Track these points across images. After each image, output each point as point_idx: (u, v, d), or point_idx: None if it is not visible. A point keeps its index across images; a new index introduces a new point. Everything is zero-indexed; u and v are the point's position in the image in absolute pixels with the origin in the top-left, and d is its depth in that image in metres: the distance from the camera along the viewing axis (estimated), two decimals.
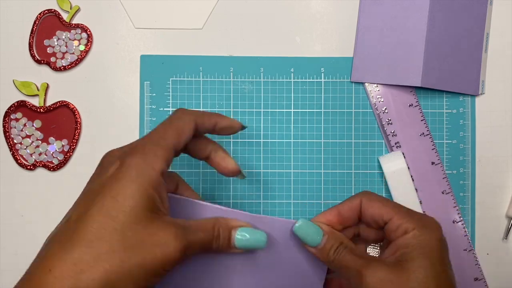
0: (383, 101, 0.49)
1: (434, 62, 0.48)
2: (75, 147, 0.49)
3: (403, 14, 0.48)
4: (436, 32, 0.48)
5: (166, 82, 0.49)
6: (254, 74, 0.49)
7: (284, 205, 0.49)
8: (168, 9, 0.50)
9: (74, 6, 0.50)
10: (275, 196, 0.49)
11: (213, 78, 0.49)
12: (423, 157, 0.49)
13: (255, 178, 0.49)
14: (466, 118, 0.50)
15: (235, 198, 0.49)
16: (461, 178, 0.49)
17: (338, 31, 0.50)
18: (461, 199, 0.49)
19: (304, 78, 0.49)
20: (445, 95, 0.50)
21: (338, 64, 0.50)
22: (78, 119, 0.49)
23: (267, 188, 0.49)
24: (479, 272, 0.48)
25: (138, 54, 0.50)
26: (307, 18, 0.50)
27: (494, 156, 0.49)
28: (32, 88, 0.49)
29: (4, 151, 0.49)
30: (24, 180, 0.49)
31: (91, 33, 0.50)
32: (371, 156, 0.50)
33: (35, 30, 0.49)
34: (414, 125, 0.49)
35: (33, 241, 0.49)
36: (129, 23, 0.50)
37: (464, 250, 0.48)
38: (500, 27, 0.50)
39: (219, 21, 0.50)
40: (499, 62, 0.50)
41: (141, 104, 0.50)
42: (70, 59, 0.49)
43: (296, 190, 0.49)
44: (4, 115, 0.49)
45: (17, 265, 0.49)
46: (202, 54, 0.50)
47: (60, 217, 0.49)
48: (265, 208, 0.49)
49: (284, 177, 0.49)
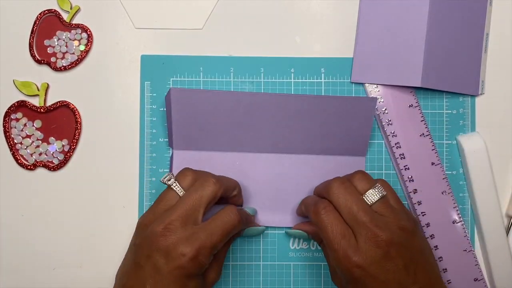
0: (383, 102, 0.49)
1: (434, 63, 0.48)
2: (75, 147, 0.49)
3: (403, 14, 0.48)
4: (436, 32, 0.48)
5: (166, 82, 0.49)
6: (254, 74, 0.49)
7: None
8: (168, 9, 0.50)
9: (74, 6, 0.50)
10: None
11: (213, 78, 0.49)
12: (423, 158, 0.49)
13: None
14: (466, 119, 0.50)
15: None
16: (461, 178, 0.49)
17: (338, 31, 0.50)
18: (461, 199, 0.49)
19: (304, 78, 0.49)
20: (445, 96, 0.50)
21: (338, 64, 0.50)
22: (78, 119, 0.49)
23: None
24: (479, 272, 0.48)
25: (138, 54, 0.50)
26: (307, 18, 0.50)
27: (494, 156, 0.49)
28: (32, 88, 0.49)
29: (4, 151, 0.49)
30: (24, 180, 0.49)
31: (91, 33, 0.50)
32: (371, 156, 0.50)
33: (35, 30, 0.49)
34: (414, 125, 0.49)
35: (33, 241, 0.49)
36: (129, 23, 0.50)
37: (464, 250, 0.48)
38: (500, 27, 0.50)
39: (219, 21, 0.50)
40: (499, 62, 0.50)
41: (141, 104, 0.50)
42: (70, 59, 0.49)
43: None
44: (4, 115, 0.49)
45: (17, 265, 0.49)
46: (202, 54, 0.50)
47: (60, 217, 0.49)
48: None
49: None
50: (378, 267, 0.39)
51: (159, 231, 0.39)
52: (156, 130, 0.49)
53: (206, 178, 0.42)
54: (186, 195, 0.42)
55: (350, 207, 0.40)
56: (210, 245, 0.40)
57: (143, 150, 0.49)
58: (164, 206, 0.42)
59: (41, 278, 0.49)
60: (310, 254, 0.49)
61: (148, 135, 0.49)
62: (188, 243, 0.39)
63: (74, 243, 0.49)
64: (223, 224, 0.41)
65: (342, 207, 0.41)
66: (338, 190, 0.41)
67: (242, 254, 0.49)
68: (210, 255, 0.40)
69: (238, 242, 0.49)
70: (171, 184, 0.42)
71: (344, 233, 0.40)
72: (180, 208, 0.41)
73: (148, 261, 0.39)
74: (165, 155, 0.49)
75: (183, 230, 0.40)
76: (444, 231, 0.48)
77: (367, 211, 0.40)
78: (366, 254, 0.39)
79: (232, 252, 0.49)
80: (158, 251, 0.39)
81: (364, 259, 0.39)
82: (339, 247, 0.39)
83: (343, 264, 0.39)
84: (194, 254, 0.39)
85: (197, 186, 0.42)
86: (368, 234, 0.39)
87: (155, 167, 0.49)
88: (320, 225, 0.41)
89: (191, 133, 0.47)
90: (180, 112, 0.47)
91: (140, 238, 0.41)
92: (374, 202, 0.41)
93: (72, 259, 0.49)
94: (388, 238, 0.39)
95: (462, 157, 0.49)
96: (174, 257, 0.39)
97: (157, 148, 0.49)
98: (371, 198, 0.41)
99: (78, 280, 0.49)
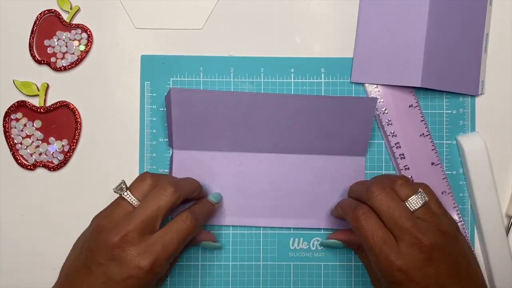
0: (383, 102, 0.49)
1: (434, 63, 0.48)
2: (75, 147, 0.49)
3: (403, 14, 0.48)
4: (436, 32, 0.48)
5: (166, 82, 0.49)
6: (254, 75, 0.49)
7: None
8: (168, 9, 0.50)
9: (74, 6, 0.50)
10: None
11: (213, 78, 0.49)
12: (423, 158, 0.49)
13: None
14: (466, 119, 0.50)
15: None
16: (461, 178, 0.49)
17: (338, 31, 0.50)
18: (461, 199, 0.49)
19: (304, 79, 0.49)
20: (445, 96, 0.50)
21: (338, 64, 0.50)
22: (78, 119, 0.49)
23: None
24: None
25: (138, 54, 0.50)
26: (307, 18, 0.50)
27: (494, 156, 0.49)
28: (32, 88, 0.49)
29: (4, 151, 0.49)
30: (24, 180, 0.49)
31: (91, 33, 0.50)
32: (371, 156, 0.50)
33: (35, 30, 0.49)
34: (414, 125, 0.49)
35: (33, 241, 0.49)
36: (129, 23, 0.50)
37: None
38: (500, 27, 0.50)
39: (219, 21, 0.50)
40: (499, 62, 0.50)
41: (141, 104, 0.50)
42: (70, 59, 0.49)
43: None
44: (4, 115, 0.49)
45: (17, 265, 0.49)
46: (202, 54, 0.50)
47: (60, 217, 0.49)
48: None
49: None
50: (420, 272, 0.39)
51: (115, 242, 0.39)
52: (156, 130, 0.49)
53: (164, 187, 0.42)
54: (143, 204, 0.41)
55: (392, 213, 0.40)
56: (167, 255, 0.40)
57: (143, 150, 0.49)
58: (120, 212, 0.41)
59: (41, 278, 0.49)
60: (310, 254, 0.49)
61: (148, 135, 0.49)
62: (145, 255, 0.39)
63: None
64: (178, 233, 0.41)
65: (384, 213, 0.40)
66: (380, 196, 0.41)
67: (242, 254, 0.49)
68: (167, 264, 0.41)
69: (238, 242, 0.49)
70: (123, 195, 0.42)
71: (385, 238, 0.40)
72: (137, 219, 0.40)
73: (100, 267, 0.39)
74: (165, 155, 0.49)
75: (140, 242, 0.39)
76: None
77: (410, 217, 0.40)
78: (408, 259, 0.39)
79: (232, 252, 0.49)
80: (113, 260, 0.39)
81: (406, 263, 0.39)
82: (380, 252, 0.39)
83: (385, 268, 0.39)
84: (150, 266, 0.39)
85: (154, 195, 0.41)
86: (411, 239, 0.39)
87: (155, 167, 0.49)
88: (360, 231, 0.41)
89: (191, 133, 0.47)
90: (180, 112, 0.47)
91: (93, 243, 0.40)
92: (417, 208, 0.41)
93: None
94: (430, 242, 0.39)
95: (462, 157, 0.49)
96: (129, 268, 0.39)
97: (157, 148, 0.49)
98: (414, 205, 0.41)
99: None
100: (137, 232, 0.40)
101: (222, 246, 0.48)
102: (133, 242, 0.39)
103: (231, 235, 0.49)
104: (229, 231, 0.49)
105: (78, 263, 0.41)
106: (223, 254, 0.49)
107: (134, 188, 0.42)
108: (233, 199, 0.48)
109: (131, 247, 0.39)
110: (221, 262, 0.49)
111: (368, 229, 0.40)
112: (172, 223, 0.41)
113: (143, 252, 0.39)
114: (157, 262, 0.39)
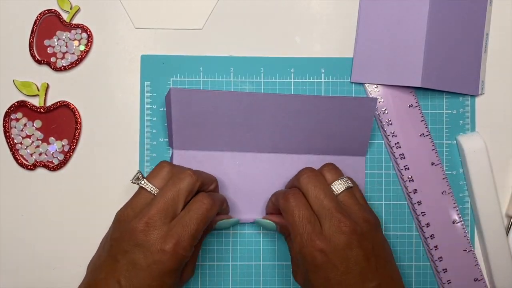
0: (383, 102, 0.49)
1: (434, 62, 0.48)
2: (75, 147, 0.49)
3: (403, 14, 0.48)
4: (436, 32, 0.48)
5: (166, 82, 0.49)
6: (254, 74, 0.49)
7: None
8: (168, 9, 0.50)
9: (74, 6, 0.50)
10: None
11: (213, 78, 0.49)
12: (423, 158, 0.49)
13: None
14: (466, 119, 0.50)
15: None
16: (461, 178, 0.49)
17: (338, 31, 0.50)
18: (461, 199, 0.49)
19: (304, 79, 0.49)
20: (445, 96, 0.50)
21: (338, 64, 0.50)
22: (78, 119, 0.49)
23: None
24: (479, 272, 0.48)
25: (138, 54, 0.50)
26: (307, 18, 0.50)
27: (494, 156, 0.49)
28: (32, 88, 0.49)
29: (4, 151, 0.49)
30: (24, 180, 0.49)
31: (91, 33, 0.50)
32: (371, 156, 0.50)
33: (35, 30, 0.49)
34: (414, 125, 0.49)
35: (33, 241, 0.49)
36: (129, 23, 0.50)
37: (464, 250, 0.48)
38: (500, 27, 0.50)
39: (219, 21, 0.50)
40: (499, 62, 0.50)
41: (141, 104, 0.50)
42: (70, 59, 0.49)
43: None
44: (4, 115, 0.49)
45: (17, 265, 0.49)
46: (202, 54, 0.50)
47: (60, 217, 0.49)
48: None
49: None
50: (340, 255, 0.39)
51: (139, 227, 0.39)
52: (156, 130, 0.49)
53: (182, 171, 0.43)
54: (163, 189, 0.42)
55: (317, 194, 0.41)
56: (188, 236, 0.40)
57: (143, 150, 0.49)
58: (142, 200, 0.42)
59: (41, 278, 0.49)
60: None
61: (148, 135, 0.49)
62: (167, 238, 0.39)
63: (74, 243, 0.49)
64: (196, 212, 0.41)
65: (309, 193, 0.42)
66: (307, 179, 0.42)
67: (242, 254, 0.49)
68: (191, 247, 0.40)
69: (238, 242, 0.49)
70: (141, 184, 0.42)
71: (310, 218, 0.41)
72: (159, 203, 0.41)
73: (126, 255, 0.39)
74: (165, 155, 0.49)
75: (162, 226, 0.40)
76: (444, 231, 0.48)
77: (334, 199, 0.41)
78: (330, 240, 0.40)
79: (232, 252, 0.49)
80: (137, 246, 0.39)
81: (327, 244, 0.39)
82: (304, 231, 0.40)
83: (307, 249, 0.40)
84: (173, 248, 0.39)
85: (174, 179, 0.42)
86: (333, 220, 0.40)
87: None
88: (287, 210, 0.42)
89: (191, 133, 0.47)
90: (180, 112, 0.47)
91: (118, 233, 0.41)
92: (340, 192, 0.42)
93: (72, 259, 0.49)
94: (352, 226, 0.40)
95: (462, 157, 0.49)
96: (153, 252, 0.39)
97: (157, 148, 0.49)
98: (337, 187, 0.42)
99: (78, 280, 0.49)
100: (159, 216, 0.40)
101: (238, 220, 0.48)
102: (156, 226, 0.40)
103: (231, 235, 0.49)
104: (229, 231, 0.49)
105: (103, 255, 0.41)
106: (223, 254, 0.49)
107: (153, 176, 0.43)
108: (233, 199, 0.48)
109: (154, 231, 0.39)
110: (221, 262, 0.49)
111: (295, 208, 0.41)
112: (189, 205, 0.42)
113: (165, 236, 0.39)
114: (180, 244, 0.39)
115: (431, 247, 0.48)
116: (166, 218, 0.40)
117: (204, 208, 0.41)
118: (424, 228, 0.48)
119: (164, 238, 0.39)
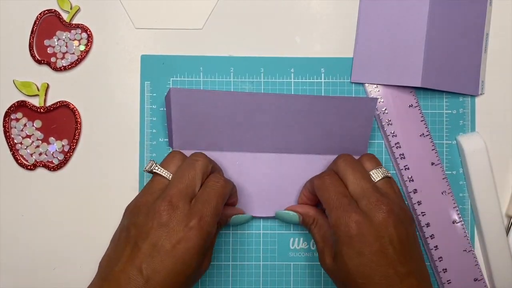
0: (383, 102, 0.49)
1: (434, 62, 0.48)
2: (75, 147, 0.49)
3: (403, 14, 0.48)
4: (436, 32, 0.48)
5: (166, 82, 0.49)
6: (254, 74, 0.50)
7: None
8: (168, 9, 0.50)
9: (74, 6, 0.50)
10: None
11: (213, 78, 0.49)
12: (422, 158, 0.49)
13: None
14: (466, 119, 0.50)
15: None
16: (461, 178, 0.49)
17: (338, 31, 0.50)
18: (461, 199, 0.49)
19: (304, 79, 0.50)
20: (445, 96, 0.50)
21: (338, 64, 0.50)
22: (78, 119, 0.49)
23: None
24: (479, 272, 0.48)
25: (138, 54, 0.50)
26: (307, 18, 0.50)
27: (494, 156, 0.49)
28: (32, 88, 0.49)
29: (4, 151, 0.49)
30: (24, 180, 0.49)
31: (91, 33, 0.50)
32: None
33: (35, 30, 0.49)
34: (414, 125, 0.49)
35: (33, 241, 0.49)
36: (129, 23, 0.50)
37: (464, 250, 0.48)
38: (500, 27, 0.50)
39: (219, 21, 0.50)
40: (499, 62, 0.50)
41: (141, 104, 0.50)
42: (70, 59, 0.49)
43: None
44: (4, 115, 0.49)
45: (17, 265, 0.49)
46: (202, 54, 0.50)
47: (60, 217, 0.49)
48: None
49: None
50: (375, 232, 0.39)
51: (164, 206, 0.40)
52: (156, 130, 0.49)
53: (194, 155, 0.43)
54: (179, 171, 0.42)
55: (355, 176, 0.41)
56: (210, 212, 0.40)
57: (143, 150, 0.49)
58: (159, 186, 0.42)
59: (41, 278, 0.49)
60: (310, 254, 0.49)
61: (148, 135, 0.49)
62: (190, 215, 0.40)
63: (74, 243, 0.49)
64: (213, 190, 0.42)
65: (347, 176, 0.42)
66: (345, 162, 0.43)
67: (242, 254, 0.49)
68: (214, 222, 0.41)
69: (238, 242, 0.49)
70: (155, 170, 0.43)
71: (346, 194, 0.41)
72: (180, 182, 0.41)
73: (147, 239, 0.39)
74: (165, 155, 0.49)
75: (185, 204, 0.40)
76: (444, 231, 0.48)
77: (371, 181, 0.42)
78: (367, 214, 0.39)
79: (232, 252, 0.49)
80: (162, 226, 0.39)
81: (364, 217, 0.39)
82: (340, 204, 0.40)
83: (342, 219, 0.39)
84: (198, 223, 0.39)
85: (188, 161, 0.43)
86: (371, 198, 0.40)
87: None
88: (323, 187, 0.42)
89: (191, 133, 0.47)
90: (180, 112, 0.47)
91: (138, 218, 0.40)
92: (378, 179, 0.42)
93: (72, 259, 0.49)
94: (390, 206, 0.40)
95: (462, 157, 0.49)
96: (179, 231, 0.39)
97: (157, 148, 0.49)
98: (376, 175, 0.43)
99: (78, 280, 0.49)
100: (181, 196, 0.40)
101: (251, 217, 0.48)
102: (179, 206, 0.40)
103: (231, 235, 0.49)
104: (229, 231, 0.49)
105: (120, 246, 0.40)
106: (223, 254, 0.49)
107: (166, 164, 0.44)
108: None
109: (177, 210, 0.40)
110: (221, 262, 0.49)
111: (330, 185, 0.42)
112: (205, 184, 0.42)
113: (189, 214, 0.40)
114: (204, 219, 0.40)
115: (431, 247, 0.48)
116: (187, 198, 0.41)
117: (220, 184, 0.42)
118: (424, 228, 0.48)
119: (188, 216, 0.39)
